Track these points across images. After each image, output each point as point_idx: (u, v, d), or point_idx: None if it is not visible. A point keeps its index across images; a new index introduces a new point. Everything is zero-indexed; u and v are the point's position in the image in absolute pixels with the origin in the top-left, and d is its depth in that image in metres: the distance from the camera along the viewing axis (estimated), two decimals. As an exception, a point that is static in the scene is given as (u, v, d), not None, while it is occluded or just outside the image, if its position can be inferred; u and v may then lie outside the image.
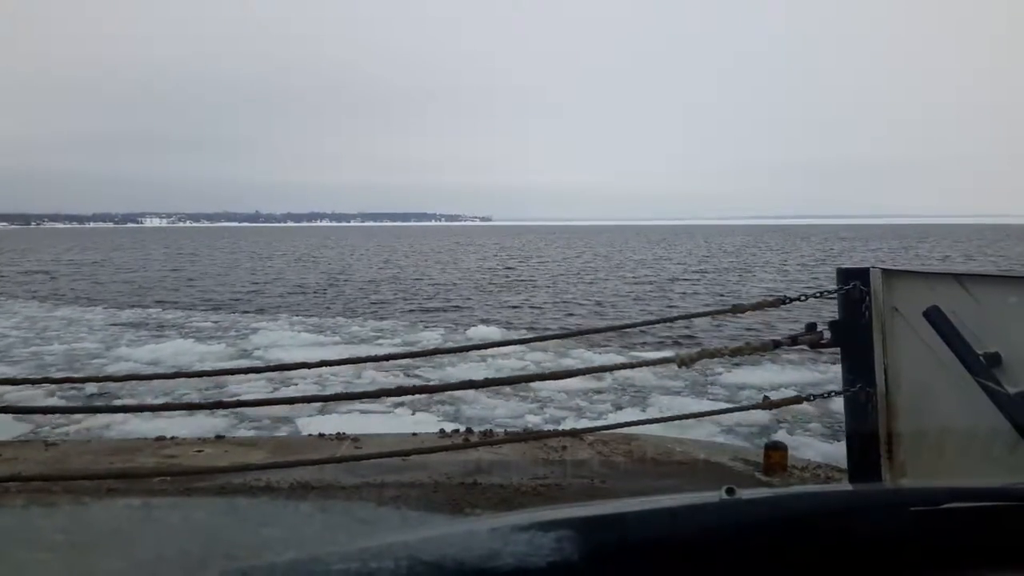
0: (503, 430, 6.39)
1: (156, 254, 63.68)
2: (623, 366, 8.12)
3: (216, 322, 19.16)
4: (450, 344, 15.28)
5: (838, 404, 3.36)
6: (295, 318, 19.72)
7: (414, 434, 6.81)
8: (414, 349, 13.42)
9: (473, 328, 16.14)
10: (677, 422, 7.62)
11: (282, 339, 13.65)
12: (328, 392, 9.78)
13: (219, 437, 5.40)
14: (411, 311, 21.28)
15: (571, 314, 20.32)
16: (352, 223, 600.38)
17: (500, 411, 9.50)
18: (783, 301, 3.45)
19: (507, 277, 34.68)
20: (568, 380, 10.25)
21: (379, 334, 15.93)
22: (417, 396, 9.42)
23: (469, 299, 24.76)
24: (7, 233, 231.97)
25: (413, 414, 9.20)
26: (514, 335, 13.73)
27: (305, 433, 7.27)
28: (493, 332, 13.16)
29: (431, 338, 15.25)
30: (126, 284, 31.72)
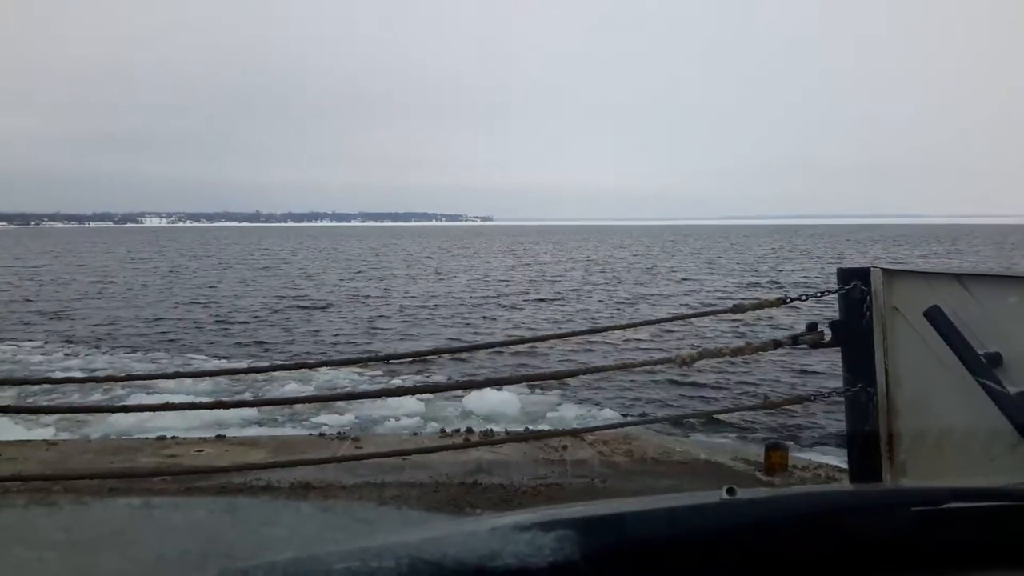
0: (503, 430, 6.39)
1: (110, 259, 55.91)
2: (624, 366, 8.12)
3: (90, 372, 12.28)
4: (456, 346, 15.30)
5: (839, 404, 3.36)
6: (209, 364, 13.63)
7: (415, 434, 6.84)
8: (419, 348, 13.44)
9: (477, 392, 9.38)
10: (678, 422, 7.62)
11: (156, 421, 6.92)
12: (328, 392, 9.79)
13: (220, 437, 5.40)
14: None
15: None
16: (352, 223, 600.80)
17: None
18: (784, 301, 3.45)
19: (522, 292, 27.56)
20: (568, 380, 10.27)
21: (314, 415, 8.92)
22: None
23: (471, 331, 18.36)
24: (5, 233, 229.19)
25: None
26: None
27: (306, 433, 7.28)
28: (508, 400, 9.09)
29: (410, 410, 9.21)
30: (18, 305, 24.44)
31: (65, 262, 52.04)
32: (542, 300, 25.35)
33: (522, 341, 7.87)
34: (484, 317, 21.09)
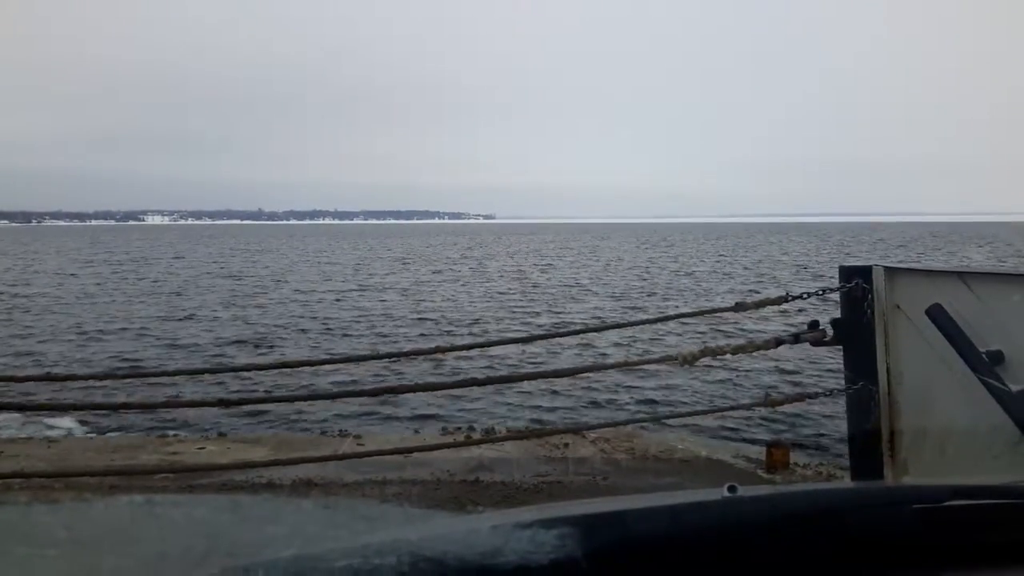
0: (505, 428, 6.40)
1: (63, 260, 47.15)
2: (625, 364, 8.12)
3: None
4: (456, 344, 15.28)
5: (840, 402, 3.36)
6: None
7: (416, 431, 6.86)
8: (420, 348, 13.44)
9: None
10: (679, 420, 7.61)
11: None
12: (330, 390, 9.78)
13: (221, 435, 5.42)
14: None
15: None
16: (355, 221, 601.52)
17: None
18: (786, 299, 3.45)
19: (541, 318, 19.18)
20: (570, 378, 10.26)
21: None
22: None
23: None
24: (7, 231, 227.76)
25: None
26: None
27: (307, 431, 7.29)
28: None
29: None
30: None
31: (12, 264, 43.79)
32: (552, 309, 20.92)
33: (523, 340, 7.88)
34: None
